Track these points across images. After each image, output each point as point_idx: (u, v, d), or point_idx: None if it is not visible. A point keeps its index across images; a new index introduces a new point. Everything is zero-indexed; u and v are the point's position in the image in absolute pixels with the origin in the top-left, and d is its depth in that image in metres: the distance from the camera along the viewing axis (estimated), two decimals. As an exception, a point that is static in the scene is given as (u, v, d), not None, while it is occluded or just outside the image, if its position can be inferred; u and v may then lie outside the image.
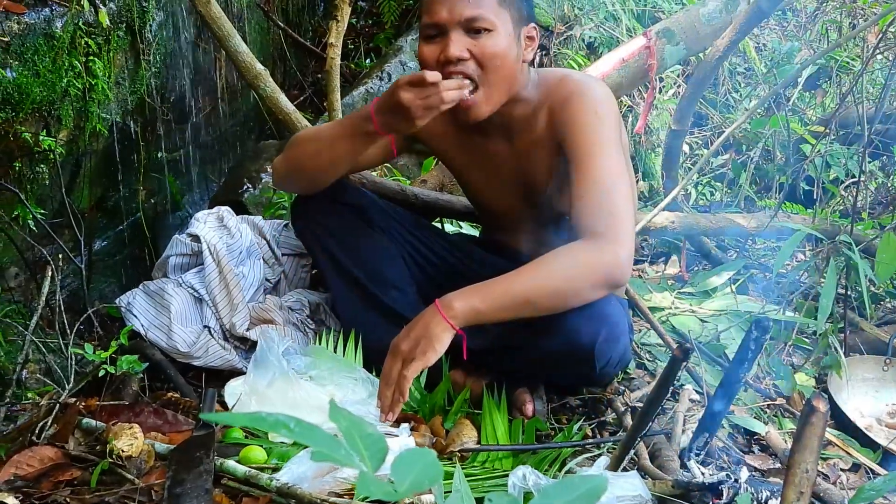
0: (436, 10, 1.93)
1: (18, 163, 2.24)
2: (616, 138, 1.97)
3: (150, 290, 2.30)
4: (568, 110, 1.98)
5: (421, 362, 1.78)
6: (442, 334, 1.78)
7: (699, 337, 2.74)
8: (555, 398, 2.27)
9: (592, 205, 1.87)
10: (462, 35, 1.92)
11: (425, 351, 1.77)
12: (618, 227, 1.85)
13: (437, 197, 2.63)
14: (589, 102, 1.98)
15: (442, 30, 1.93)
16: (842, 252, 2.70)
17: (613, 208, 1.86)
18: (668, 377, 1.67)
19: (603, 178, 1.90)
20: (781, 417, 2.42)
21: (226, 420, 0.80)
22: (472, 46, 1.92)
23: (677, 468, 1.92)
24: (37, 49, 2.19)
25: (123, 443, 1.71)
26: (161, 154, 3.08)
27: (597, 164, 1.91)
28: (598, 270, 1.81)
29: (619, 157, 1.96)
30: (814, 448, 1.62)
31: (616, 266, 1.82)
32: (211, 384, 2.16)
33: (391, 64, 3.58)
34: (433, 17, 1.93)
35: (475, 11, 1.90)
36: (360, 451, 0.68)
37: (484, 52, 1.92)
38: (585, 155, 1.93)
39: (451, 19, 1.91)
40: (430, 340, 1.77)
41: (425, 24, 1.96)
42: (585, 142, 1.94)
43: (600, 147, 1.93)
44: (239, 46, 2.48)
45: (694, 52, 3.54)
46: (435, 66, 1.94)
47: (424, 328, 1.79)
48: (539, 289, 1.81)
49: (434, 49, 1.95)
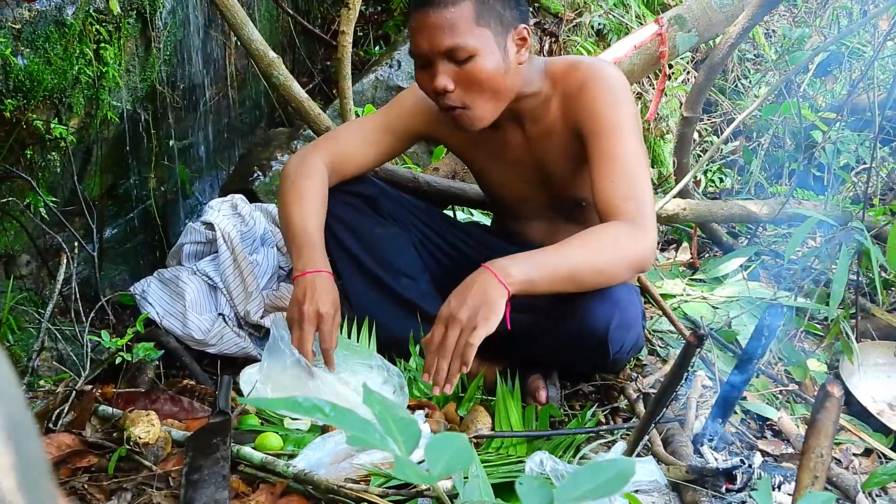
0: (417, 41, 1.91)
1: (30, 150, 2.24)
2: (635, 122, 1.97)
3: (164, 277, 2.31)
4: (585, 95, 1.98)
5: (484, 329, 1.72)
6: (500, 299, 1.73)
7: (711, 323, 2.74)
8: (568, 385, 2.27)
9: (623, 191, 1.88)
10: (446, 63, 1.89)
11: (487, 317, 1.72)
12: (645, 213, 1.87)
13: (450, 185, 2.63)
14: (606, 87, 1.97)
15: (426, 60, 1.92)
16: (853, 238, 2.69)
17: (640, 194, 1.88)
18: (682, 363, 1.68)
19: (628, 163, 1.90)
20: (794, 403, 2.43)
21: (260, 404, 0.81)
22: (458, 74, 1.90)
23: (690, 454, 1.92)
24: (48, 36, 2.19)
25: (140, 430, 1.72)
26: (171, 141, 3.08)
27: (620, 148, 1.91)
28: (635, 253, 1.84)
29: (640, 142, 1.96)
30: (828, 433, 1.63)
31: (649, 250, 1.86)
32: (226, 371, 2.16)
33: (400, 52, 3.57)
34: (416, 48, 1.93)
35: (453, 41, 1.86)
36: (395, 436, 0.69)
37: (470, 79, 1.90)
38: (608, 139, 1.93)
39: (431, 51, 1.89)
40: (490, 306, 1.72)
41: (412, 52, 1.96)
42: (607, 126, 1.94)
43: (622, 131, 1.93)
44: (252, 34, 2.47)
45: (706, 38, 3.53)
46: (431, 95, 1.96)
47: (482, 294, 1.73)
48: (585, 265, 1.81)
49: (426, 78, 1.95)
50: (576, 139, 2.02)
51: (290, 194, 2.09)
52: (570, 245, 1.83)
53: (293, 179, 2.11)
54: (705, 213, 2.99)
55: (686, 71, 4.82)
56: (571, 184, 2.13)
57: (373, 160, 2.23)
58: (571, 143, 2.04)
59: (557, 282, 1.81)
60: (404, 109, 2.22)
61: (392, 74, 3.47)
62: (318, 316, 1.92)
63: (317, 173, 2.12)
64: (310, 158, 2.15)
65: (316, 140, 2.19)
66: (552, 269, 1.79)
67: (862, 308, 2.84)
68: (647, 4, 4.77)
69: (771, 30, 5.32)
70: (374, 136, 2.20)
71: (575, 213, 2.20)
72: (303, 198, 2.08)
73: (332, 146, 2.18)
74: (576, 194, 2.15)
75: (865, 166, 3.58)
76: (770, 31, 5.31)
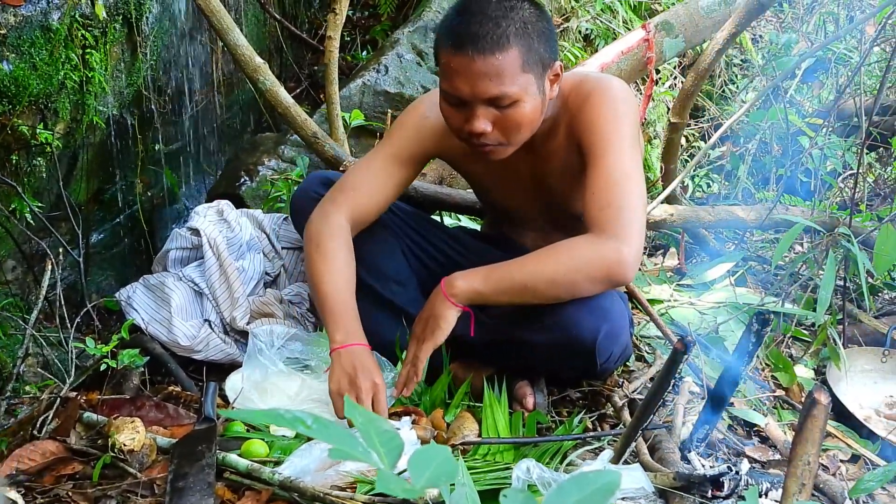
0: (457, 84, 1.83)
1: (16, 156, 2.23)
2: (633, 136, 1.95)
3: (150, 283, 2.30)
4: (586, 110, 1.95)
5: (431, 342, 1.90)
6: (446, 312, 1.89)
7: (698, 329, 2.74)
8: (555, 391, 2.27)
9: (601, 200, 1.86)
10: (486, 108, 1.84)
11: (433, 330, 1.90)
12: (625, 223, 1.83)
13: (437, 190, 2.62)
14: (608, 101, 1.94)
15: (464, 102, 1.86)
16: (840, 244, 2.70)
17: (622, 204, 1.84)
18: (669, 371, 1.67)
19: (615, 175, 1.87)
20: (781, 409, 2.43)
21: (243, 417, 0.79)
22: (497, 118, 1.85)
23: (678, 460, 1.92)
24: (34, 41, 2.18)
25: (125, 437, 1.71)
26: (158, 146, 3.08)
27: (610, 160, 1.89)
28: (596, 266, 1.82)
29: (634, 155, 1.93)
30: (815, 440, 1.63)
31: (618, 263, 1.81)
32: (212, 377, 2.15)
33: (388, 56, 3.56)
34: (454, 91, 1.85)
35: (499, 90, 1.81)
36: (377, 448, 0.68)
37: (509, 123, 1.85)
38: (600, 151, 1.90)
39: (474, 97, 1.83)
40: (436, 320, 1.89)
41: (446, 91, 1.88)
42: (601, 139, 1.91)
43: (616, 144, 1.90)
44: (238, 40, 2.47)
45: (693, 44, 3.54)
46: (460, 131, 1.90)
47: (431, 308, 1.91)
48: (538, 277, 1.84)
49: (458, 117, 1.89)
50: (576, 154, 2.00)
51: (317, 258, 2.03)
52: (528, 258, 1.88)
53: (317, 242, 2.04)
54: (693, 218, 2.99)
55: (673, 76, 4.83)
56: (571, 198, 2.11)
57: (392, 195, 2.16)
58: (573, 158, 2.02)
59: (511, 293, 1.86)
60: (407, 134, 2.15)
61: (379, 80, 3.46)
62: (374, 387, 1.88)
63: (340, 231, 2.05)
64: (331, 216, 2.07)
65: (330, 193, 2.11)
66: (503, 282, 1.85)
67: (849, 314, 2.85)
68: (635, 10, 4.77)
69: (758, 35, 5.33)
70: (386, 172, 2.13)
71: (573, 225, 2.18)
72: (330, 260, 2.02)
73: (350, 198, 2.09)
74: (575, 209, 2.13)
75: (852, 172, 3.60)
76: (757, 36, 5.32)
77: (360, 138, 3.31)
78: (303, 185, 2.30)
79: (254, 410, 0.93)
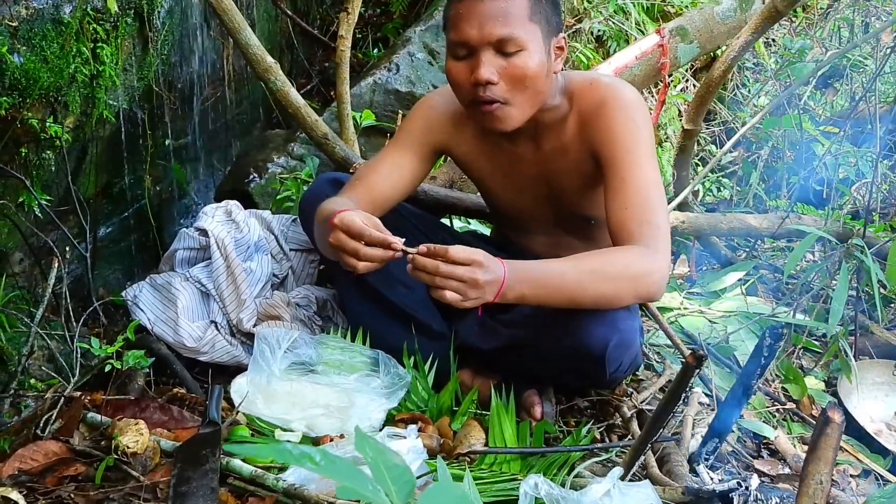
0: (464, 28, 1.86)
1: (25, 149, 2.21)
2: (652, 144, 1.95)
3: (156, 283, 2.28)
4: (603, 117, 1.94)
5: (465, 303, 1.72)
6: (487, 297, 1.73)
7: (708, 338, 2.72)
8: (563, 399, 2.25)
9: (637, 214, 1.85)
10: (492, 55, 1.86)
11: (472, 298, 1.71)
12: (661, 241, 1.85)
13: (447, 194, 2.60)
14: (624, 109, 1.94)
15: (471, 49, 1.87)
16: (854, 255, 2.67)
17: (656, 220, 1.86)
18: (680, 385, 1.65)
19: (644, 189, 1.88)
20: (791, 421, 2.41)
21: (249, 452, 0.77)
22: (503, 67, 1.86)
23: (686, 473, 1.90)
24: (45, 34, 2.16)
25: (129, 439, 1.69)
26: (167, 141, 3.06)
27: (637, 172, 1.89)
28: (644, 283, 1.82)
29: (655, 164, 1.94)
30: (828, 459, 1.61)
31: (661, 281, 1.83)
32: (217, 379, 2.14)
33: (399, 55, 3.54)
34: (462, 36, 1.87)
35: (506, 31, 1.84)
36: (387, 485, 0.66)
37: (515, 73, 1.86)
38: (625, 163, 1.90)
39: (480, 40, 1.85)
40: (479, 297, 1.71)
41: (453, 41, 1.90)
42: (624, 150, 1.91)
43: (639, 155, 1.90)
44: (250, 39, 2.45)
45: (707, 50, 3.51)
46: (466, 87, 1.91)
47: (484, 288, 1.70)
48: (588, 289, 1.80)
49: (463, 69, 1.90)
50: (590, 159, 1.99)
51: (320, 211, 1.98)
52: (579, 267, 1.80)
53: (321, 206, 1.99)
54: (705, 226, 2.97)
55: (685, 79, 4.80)
56: (581, 202, 2.11)
57: (402, 187, 2.14)
58: (586, 162, 2.01)
59: (553, 301, 1.81)
60: (416, 126, 2.17)
61: (390, 78, 3.44)
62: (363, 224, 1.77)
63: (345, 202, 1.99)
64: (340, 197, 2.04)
65: (342, 190, 2.12)
66: (551, 292, 1.79)
67: (861, 325, 2.82)
68: (647, 11, 4.74)
69: (770, 39, 5.30)
70: (396, 164, 2.12)
71: (581, 229, 2.17)
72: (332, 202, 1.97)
73: (361, 192, 2.07)
74: (585, 212, 2.12)
75: (866, 181, 3.56)
76: (770, 40, 5.29)
77: (371, 137, 3.29)
78: (312, 186, 2.28)
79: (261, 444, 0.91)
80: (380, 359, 2.05)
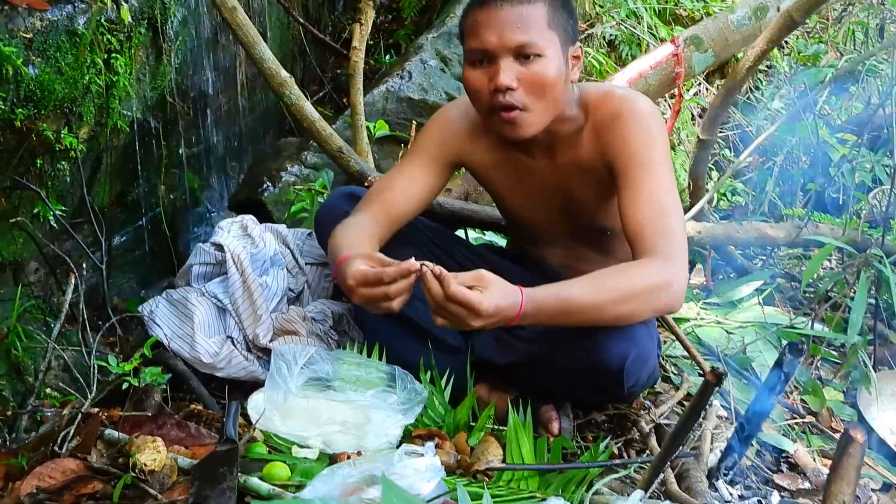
0: (484, 35, 1.88)
1: (40, 160, 2.21)
2: (668, 154, 1.94)
3: (173, 298, 2.28)
4: (618, 128, 1.94)
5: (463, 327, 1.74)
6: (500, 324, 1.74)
7: (725, 349, 2.70)
8: (580, 414, 2.23)
9: (657, 227, 1.84)
10: (511, 62, 1.87)
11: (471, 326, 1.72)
12: (678, 250, 1.84)
13: (463, 206, 2.59)
14: (639, 120, 1.93)
15: (490, 56, 1.88)
16: (872, 265, 2.65)
17: (672, 228, 1.85)
18: (699, 402, 1.63)
19: (660, 196, 1.87)
20: (810, 434, 2.39)
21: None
22: (522, 73, 1.87)
23: (706, 490, 1.88)
24: (59, 46, 2.16)
25: (146, 457, 1.68)
26: (181, 150, 3.06)
27: (653, 183, 1.88)
28: (663, 296, 1.80)
29: (671, 174, 1.93)
30: (851, 479, 1.59)
31: (679, 292, 1.82)
32: (233, 394, 2.13)
33: (412, 62, 3.53)
34: (481, 43, 1.88)
35: (526, 38, 1.85)
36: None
37: (534, 80, 1.87)
38: (641, 174, 1.89)
39: (500, 46, 1.86)
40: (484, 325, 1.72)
41: (472, 49, 1.91)
42: (640, 160, 1.90)
43: (655, 165, 1.90)
44: (264, 53, 2.44)
45: (722, 59, 3.49)
46: (484, 95, 1.91)
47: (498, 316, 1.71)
48: (607, 311, 1.78)
49: (481, 76, 1.91)
50: (605, 170, 1.98)
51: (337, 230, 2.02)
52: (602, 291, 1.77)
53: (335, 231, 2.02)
54: (721, 236, 2.95)
55: (698, 83, 4.78)
56: (597, 213, 2.10)
57: (419, 200, 2.14)
58: (601, 173, 2.00)
59: (572, 322, 1.80)
60: (432, 139, 2.17)
61: (403, 86, 3.43)
62: None
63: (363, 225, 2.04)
64: (357, 215, 2.07)
65: (358, 204, 2.11)
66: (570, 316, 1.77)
67: (880, 335, 2.80)
68: (659, 15, 4.73)
69: (784, 42, 5.27)
70: (412, 178, 2.13)
71: (598, 241, 2.16)
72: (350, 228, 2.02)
73: (377, 207, 2.09)
74: (601, 224, 2.11)
75: (884, 187, 3.54)
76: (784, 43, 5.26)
77: (384, 146, 3.29)
78: (328, 201, 2.28)
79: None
80: (396, 374, 2.04)
